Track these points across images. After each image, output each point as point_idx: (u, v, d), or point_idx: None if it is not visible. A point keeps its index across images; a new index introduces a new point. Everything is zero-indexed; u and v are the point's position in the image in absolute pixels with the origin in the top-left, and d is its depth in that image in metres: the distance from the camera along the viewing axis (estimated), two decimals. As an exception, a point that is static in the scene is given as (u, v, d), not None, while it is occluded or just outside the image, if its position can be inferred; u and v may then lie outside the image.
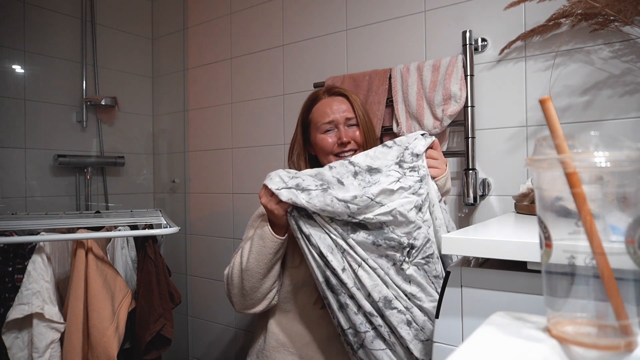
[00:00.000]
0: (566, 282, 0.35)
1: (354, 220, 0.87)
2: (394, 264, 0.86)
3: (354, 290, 0.86)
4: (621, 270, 0.33)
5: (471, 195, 1.18)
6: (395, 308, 0.85)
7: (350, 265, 0.87)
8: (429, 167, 0.92)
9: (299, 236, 0.91)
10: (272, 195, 0.92)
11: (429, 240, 0.87)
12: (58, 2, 1.79)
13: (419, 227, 0.86)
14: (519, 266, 0.61)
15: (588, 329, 0.35)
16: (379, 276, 0.86)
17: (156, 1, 2.15)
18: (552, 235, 0.36)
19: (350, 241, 0.87)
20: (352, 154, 1.07)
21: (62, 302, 1.20)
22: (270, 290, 1.01)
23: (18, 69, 1.68)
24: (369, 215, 0.85)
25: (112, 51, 1.98)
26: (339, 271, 0.87)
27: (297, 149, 1.15)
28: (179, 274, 2.02)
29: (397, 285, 0.86)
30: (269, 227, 0.96)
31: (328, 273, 0.88)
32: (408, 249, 0.85)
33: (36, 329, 1.11)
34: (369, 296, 0.86)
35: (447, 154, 1.25)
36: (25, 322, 1.12)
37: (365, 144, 1.08)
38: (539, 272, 0.43)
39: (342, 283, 0.87)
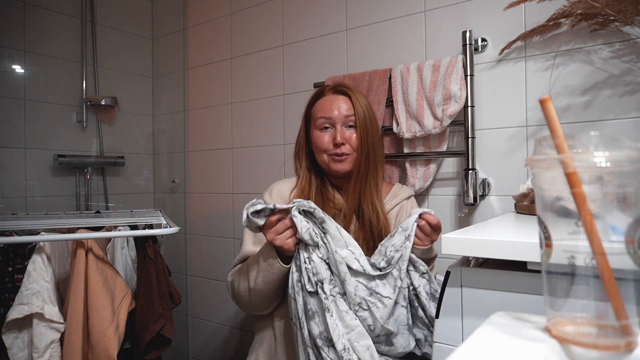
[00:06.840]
0: (566, 282, 0.35)
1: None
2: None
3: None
4: (621, 270, 0.33)
5: (471, 195, 1.18)
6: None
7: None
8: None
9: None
10: (289, 228, 0.87)
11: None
12: (58, 2, 1.79)
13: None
14: (519, 266, 0.61)
15: (588, 329, 0.34)
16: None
17: (156, 1, 2.15)
18: (552, 235, 0.36)
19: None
20: (346, 159, 1.06)
21: (62, 302, 1.20)
22: (278, 297, 1.01)
23: (18, 69, 1.68)
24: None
25: (112, 51, 1.98)
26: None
27: (300, 142, 1.16)
28: (179, 274, 2.02)
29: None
30: (279, 261, 0.91)
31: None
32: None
33: (36, 329, 1.11)
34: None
35: (447, 154, 1.25)
36: (25, 322, 1.12)
37: (361, 148, 1.06)
38: (539, 272, 0.43)
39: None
